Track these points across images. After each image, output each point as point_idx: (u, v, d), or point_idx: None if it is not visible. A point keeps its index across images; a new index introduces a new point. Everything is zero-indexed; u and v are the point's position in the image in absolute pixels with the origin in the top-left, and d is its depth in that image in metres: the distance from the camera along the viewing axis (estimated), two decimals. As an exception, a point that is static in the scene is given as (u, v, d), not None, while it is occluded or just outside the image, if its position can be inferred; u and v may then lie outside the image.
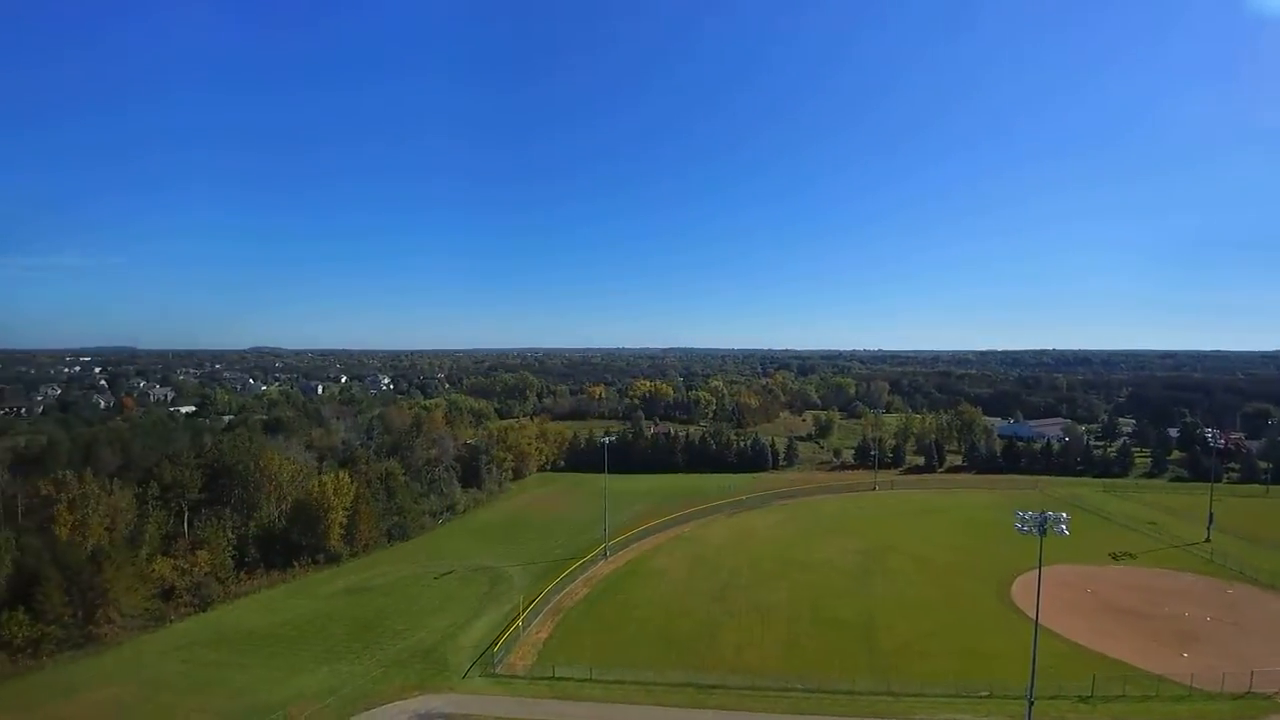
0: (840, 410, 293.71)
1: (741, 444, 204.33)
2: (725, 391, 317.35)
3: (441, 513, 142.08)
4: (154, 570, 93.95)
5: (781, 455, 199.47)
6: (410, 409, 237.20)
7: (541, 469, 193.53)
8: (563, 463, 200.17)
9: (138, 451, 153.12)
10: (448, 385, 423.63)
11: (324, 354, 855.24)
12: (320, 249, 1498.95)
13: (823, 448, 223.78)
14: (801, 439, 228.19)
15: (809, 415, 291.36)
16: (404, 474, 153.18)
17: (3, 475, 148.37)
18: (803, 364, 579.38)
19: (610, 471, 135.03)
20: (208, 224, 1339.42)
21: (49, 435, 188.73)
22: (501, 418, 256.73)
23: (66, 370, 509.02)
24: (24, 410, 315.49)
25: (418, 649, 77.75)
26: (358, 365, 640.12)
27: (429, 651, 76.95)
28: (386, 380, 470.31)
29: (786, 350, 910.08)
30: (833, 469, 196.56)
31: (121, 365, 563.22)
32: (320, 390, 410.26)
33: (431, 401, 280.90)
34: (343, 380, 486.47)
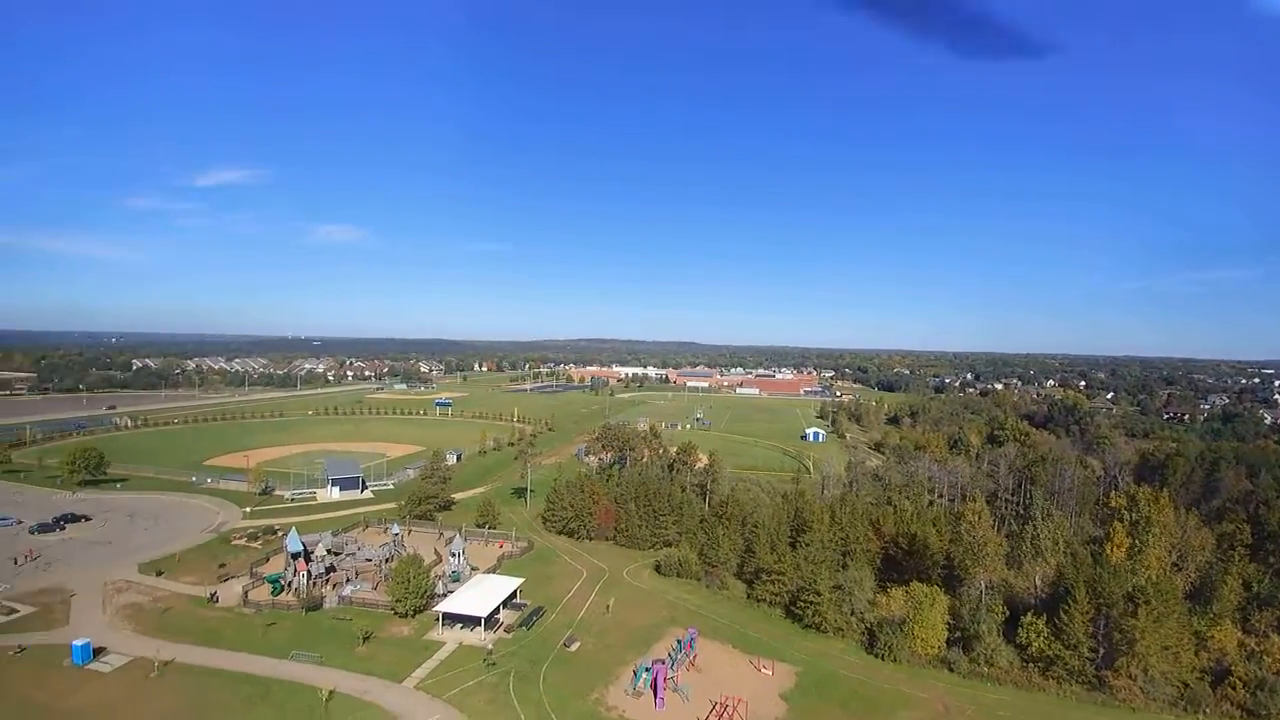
0: None
1: None
2: None
3: None
4: (1211, 637, 73.49)
5: None
6: None
7: None
8: None
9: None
10: None
11: None
12: None
13: None
14: None
15: None
16: None
17: (1125, 476, 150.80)
18: None
19: None
20: None
21: (1178, 444, 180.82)
22: None
23: (1243, 381, 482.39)
24: (1186, 416, 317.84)
25: None
26: None
27: None
28: None
29: None
30: None
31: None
32: None
33: None
34: None
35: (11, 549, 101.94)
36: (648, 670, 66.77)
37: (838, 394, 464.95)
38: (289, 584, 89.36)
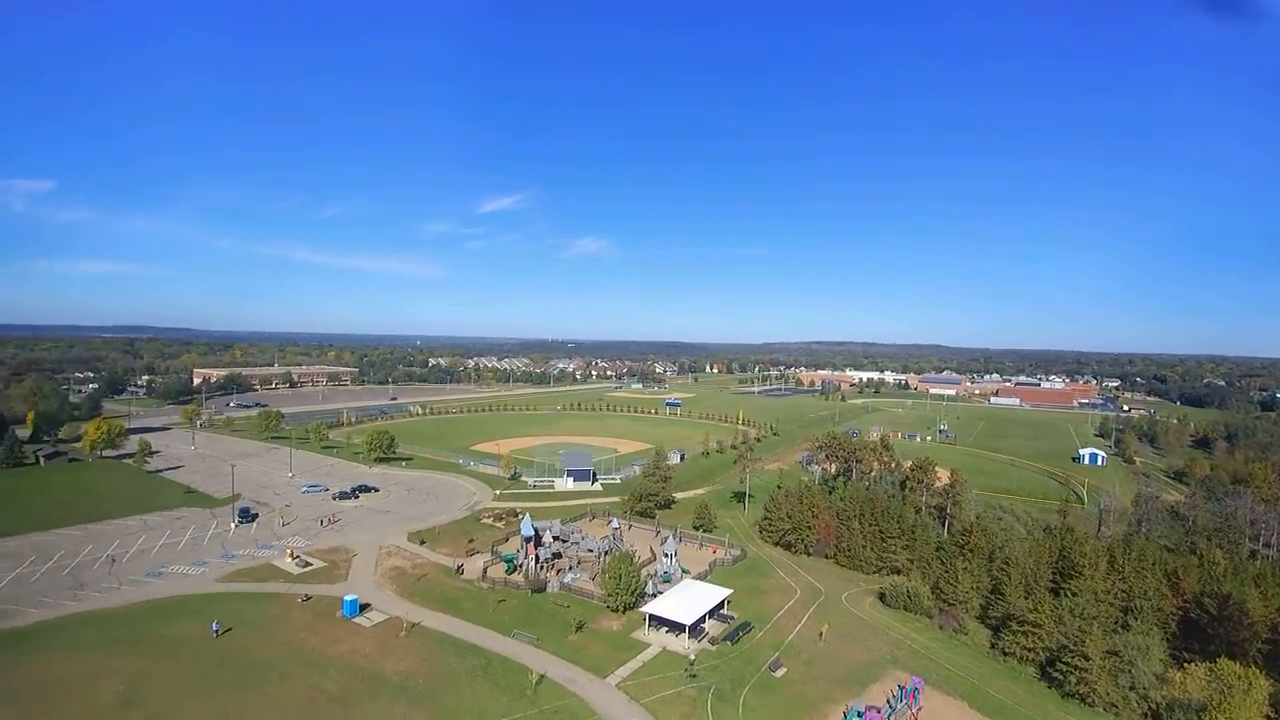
0: None
1: None
2: None
3: None
4: None
5: None
6: None
7: None
8: None
9: None
10: None
11: None
12: None
13: None
14: None
15: None
16: None
17: None
18: None
19: None
20: None
21: None
22: None
23: None
24: None
25: None
26: None
27: None
28: None
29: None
30: None
31: None
32: None
33: None
34: None
35: (318, 512, 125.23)
36: (860, 716, 59.98)
37: (1124, 408, 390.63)
38: (520, 565, 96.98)
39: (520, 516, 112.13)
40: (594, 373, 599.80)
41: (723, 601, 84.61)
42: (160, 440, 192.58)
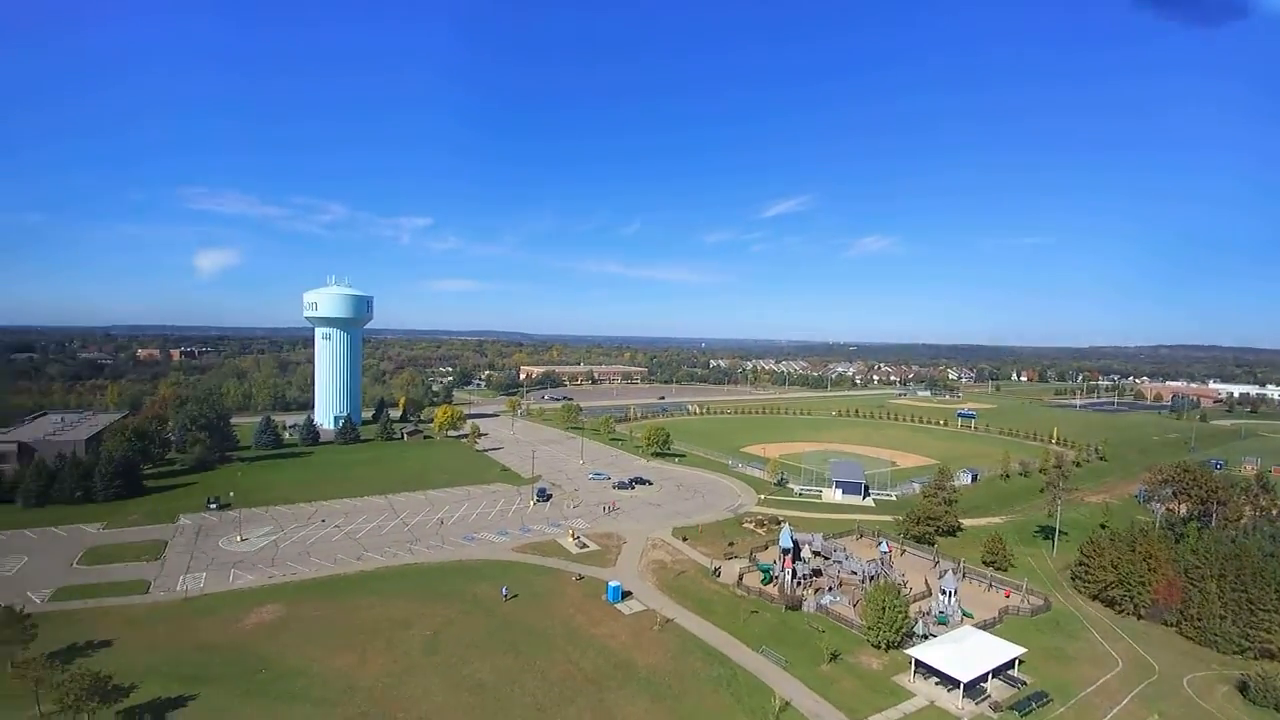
0: None
1: None
2: None
3: None
4: None
5: None
6: None
7: None
8: None
9: None
10: None
11: None
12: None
13: None
14: None
15: None
16: None
17: None
18: None
19: None
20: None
21: None
22: None
23: None
24: None
25: None
26: None
27: None
28: None
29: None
30: None
31: None
32: None
33: None
34: None
35: (599, 498, 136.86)
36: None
37: None
38: (776, 577, 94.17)
39: (781, 525, 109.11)
40: (875, 377, 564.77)
41: (1012, 661, 71.75)
42: (489, 425, 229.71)
